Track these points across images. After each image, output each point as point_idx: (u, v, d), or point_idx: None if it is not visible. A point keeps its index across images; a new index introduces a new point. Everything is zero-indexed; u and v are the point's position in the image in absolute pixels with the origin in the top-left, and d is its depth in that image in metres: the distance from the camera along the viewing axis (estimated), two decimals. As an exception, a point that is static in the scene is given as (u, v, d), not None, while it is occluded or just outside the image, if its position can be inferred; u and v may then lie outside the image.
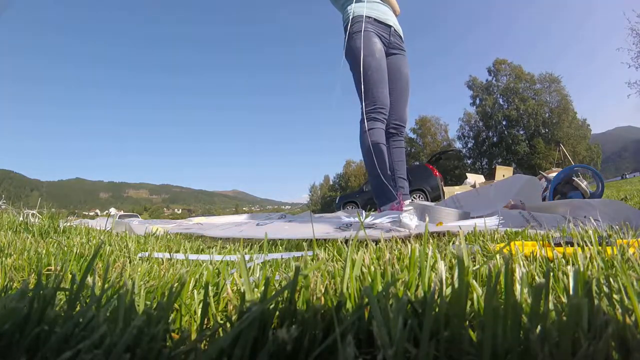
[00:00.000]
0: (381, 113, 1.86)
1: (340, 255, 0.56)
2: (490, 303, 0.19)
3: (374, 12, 1.96)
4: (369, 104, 1.85)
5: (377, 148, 1.82)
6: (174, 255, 0.67)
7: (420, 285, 0.30)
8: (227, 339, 0.20)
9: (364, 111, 1.86)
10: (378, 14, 1.98)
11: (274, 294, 0.22)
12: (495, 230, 0.78)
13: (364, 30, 1.88)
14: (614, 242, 0.50)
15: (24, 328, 0.21)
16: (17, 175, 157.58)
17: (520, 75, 28.71)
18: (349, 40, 1.92)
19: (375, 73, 1.85)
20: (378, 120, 1.85)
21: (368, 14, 1.93)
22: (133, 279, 0.41)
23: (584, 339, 0.19)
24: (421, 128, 33.46)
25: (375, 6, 1.99)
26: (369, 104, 1.85)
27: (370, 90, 1.85)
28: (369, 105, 1.85)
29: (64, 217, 1.84)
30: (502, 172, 4.92)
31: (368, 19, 1.92)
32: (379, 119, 1.85)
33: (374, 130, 1.83)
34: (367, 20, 1.91)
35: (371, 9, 1.96)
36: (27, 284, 0.23)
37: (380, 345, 0.19)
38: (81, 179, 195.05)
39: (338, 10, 2.12)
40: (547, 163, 22.44)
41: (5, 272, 0.52)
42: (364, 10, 1.93)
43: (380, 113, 1.85)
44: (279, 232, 1.02)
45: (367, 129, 1.81)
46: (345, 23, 2.00)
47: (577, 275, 0.24)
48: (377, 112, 1.85)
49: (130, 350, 0.19)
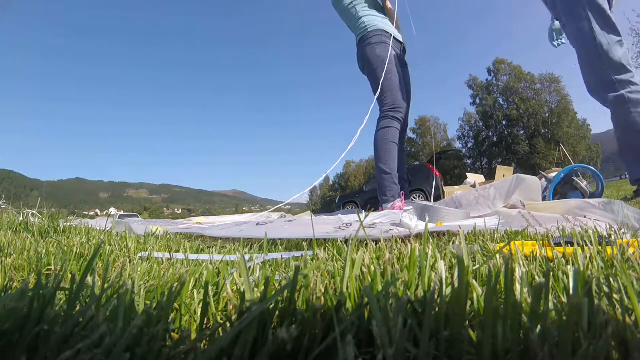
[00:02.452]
0: (400, 113, 1.97)
1: (340, 255, 0.56)
2: (490, 303, 0.19)
3: (389, 28, 2.12)
4: (389, 104, 1.97)
5: (391, 146, 1.93)
6: (174, 255, 0.67)
7: (420, 285, 0.30)
8: (227, 339, 0.20)
9: (384, 110, 1.97)
10: (392, 30, 2.14)
11: (273, 293, 0.22)
12: (495, 230, 0.78)
13: (382, 43, 2.04)
14: (614, 242, 0.50)
15: (23, 328, 0.21)
16: (17, 175, 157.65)
17: (520, 75, 28.71)
18: (369, 50, 2.06)
19: (395, 77, 1.99)
20: (396, 120, 1.96)
21: (385, 29, 2.09)
22: (133, 278, 0.41)
23: (584, 338, 0.19)
24: (421, 128, 33.46)
25: (388, 23, 2.16)
26: (389, 104, 1.97)
27: (391, 92, 1.98)
28: (388, 105, 1.97)
29: (64, 217, 1.85)
30: (503, 172, 4.92)
31: (386, 34, 2.08)
32: (397, 118, 1.96)
33: (391, 129, 1.94)
34: (385, 35, 2.07)
35: (387, 25, 2.13)
36: (27, 284, 0.23)
37: (380, 344, 0.19)
38: (81, 179, 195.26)
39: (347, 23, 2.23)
40: (547, 163, 22.43)
41: (5, 271, 0.52)
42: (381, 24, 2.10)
43: (399, 113, 1.97)
44: (279, 232, 1.02)
45: (386, 126, 1.92)
46: (360, 35, 2.12)
47: (577, 275, 0.24)
48: (397, 112, 1.96)
49: (130, 350, 0.19)
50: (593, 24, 1.55)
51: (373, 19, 2.10)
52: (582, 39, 1.59)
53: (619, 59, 1.52)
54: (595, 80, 1.58)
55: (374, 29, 2.07)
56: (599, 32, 1.54)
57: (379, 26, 2.08)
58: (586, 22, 1.57)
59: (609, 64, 1.52)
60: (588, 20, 1.56)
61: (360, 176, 39.56)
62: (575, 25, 1.62)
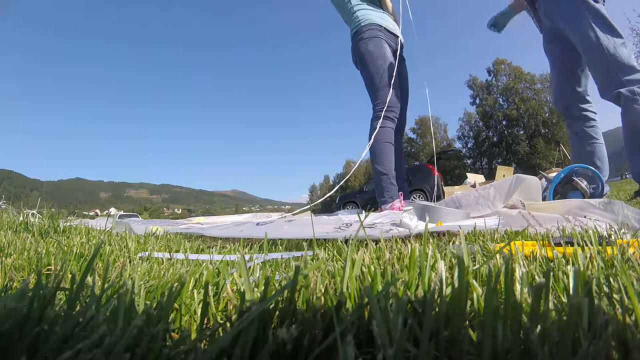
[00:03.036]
0: (392, 112, 1.93)
1: (340, 255, 0.56)
2: (490, 303, 0.19)
3: (384, 22, 2.07)
4: (381, 103, 1.93)
5: (386, 146, 1.90)
6: (174, 255, 0.67)
7: (420, 285, 0.30)
8: (226, 339, 0.20)
9: (376, 109, 1.94)
10: (388, 24, 2.09)
11: (273, 293, 0.22)
12: (495, 230, 0.78)
13: (376, 37, 1.99)
14: (614, 242, 0.50)
15: (23, 328, 0.21)
16: (17, 175, 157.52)
17: (520, 75, 28.73)
18: (361, 45, 2.01)
19: (388, 74, 1.94)
20: (389, 120, 1.92)
21: (380, 23, 2.04)
22: (133, 278, 0.41)
23: (584, 338, 0.19)
24: (421, 128, 33.45)
25: (384, 16, 2.10)
26: (380, 103, 1.93)
27: (384, 90, 1.93)
28: (380, 104, 1.93)
29: (64, 217, 1.85)
30: (503, 172, 4.92)
31: (380, 28, 2.02)
32: (390, 117, 1.92)
33: (385, 128, 1.90)
34: (378, 29, 2.02)
35: (382, 18, 2.07)
36: (27, 284, 0.23)
37: (380, 344, 0.19)
38: (81, 179, 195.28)
39: (343, 16, 2.19)
40: (547, 163, 22.44)
41: (5, 271, 0.52)
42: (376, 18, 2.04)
43: (392, 112, 1.93)
44: (279, 232, 1.01)
45: (379, 126, 1.88)
46: (354, 29, 2.08)
47: (577, 275, 0.24)
48: (389, 111, 1.92)
49: (130, 349, 0.19)
50: (597, 31, 1.58)
51: (367, 13, 2.04)
52: (589, 46, 1.62)
53: (627, 61, 1.55)
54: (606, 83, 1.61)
55: (367, 22, 2.01)
56: (603, 37, 1.57)
57: (373, 20, 2.02)
58: (590, 29, 1.60)
59: (618, 67, 1.56)
60: (591, 27, 1.59)
61: (360, 176, 39.57)
62: (580, 33, 1.64)
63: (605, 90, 1.63)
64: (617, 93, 1.55)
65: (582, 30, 1.62)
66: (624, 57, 1.55)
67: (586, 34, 1.60)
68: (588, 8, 1.61)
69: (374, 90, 1.96)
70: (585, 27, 1.61)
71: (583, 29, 1.62)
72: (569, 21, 1.68)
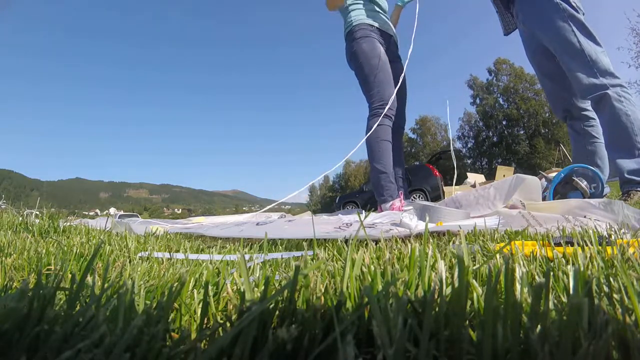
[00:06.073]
0: (390, 109, 1.92)
1: (340, 254, 0.56)
2: (490, 302, 0.19)
3: (377, 22, 2.05)
4: (377, 101, 1.92)
5: (383, 144, 1.88)
6: (173, 254, 0.67)
7: (420, 284, 0.30)
8: (226, 339, 0.20)
9: (372, 108, 1.93)
10: (381, 23, 2.07)
11: (273, 293, 0.22)
12: (495, 230, 0.78)
13: (368, 37, 1.97)
14: (614, 242, 0.50)
15: (23, 327, 0.21)
16: (17, 175, 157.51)
17: (520, 75, 28.73)
18: (354, 45, 2.00)
19: (381, 73, 1.93)
20: (386, 117, 1.90)
21: (371, 22, 2.02)
22: (133, 278, 0.41)
23: (584, 338, 0.19)
24: (421, 128, 33.46)
25: (377, 16, 2.08)
26: (375, 102, 1.92)
27: (378, 89, 1.92)
28: (376, 102, 1.91)
29: (63, 217, 1.85)
30: (503, 172, 4.92)
31: (371, 27, 2.01)
32: (388, 115, 1.91)
33: (382, 126, 1.89)
34: (370, 29, 2.00)
35: (374, 18, 2.05)
36: (27, 284, 0.23)
37: (380, 344, 0.19)
38: (81, 179, 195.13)
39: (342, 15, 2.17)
40: (547, 163, 22.43)
41: (5, 271, 0.52)
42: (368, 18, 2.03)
43: (389, 109, 1.91)
44: (279, 232, 1.01)
45: (376, 124, 1.86)
46: (347, 29, 2.07)
47: (577, 275, 0.24)
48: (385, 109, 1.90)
49: (130, 349, 0.19)
50: (579, 37, 1.63)
51: (359, 13, 2.03)
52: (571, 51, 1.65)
53: (607, 68, 1.60)
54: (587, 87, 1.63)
55: (358, 22, 2.01)
56: (585, 43, 1.62)
57: (364, 20, 2.01)
58: (572, 35, 1.63)
59: (600, 72, 1.60)
60: (573, 33, 1.63)
61: (360, 176, 39.55)
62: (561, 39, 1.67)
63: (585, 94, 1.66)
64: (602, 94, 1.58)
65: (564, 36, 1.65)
66: (605, 64, 1.60)
67: (568, 39, 1.64)
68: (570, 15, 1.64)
69: (368, 90, 1.95)
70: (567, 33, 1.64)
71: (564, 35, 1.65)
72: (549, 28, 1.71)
